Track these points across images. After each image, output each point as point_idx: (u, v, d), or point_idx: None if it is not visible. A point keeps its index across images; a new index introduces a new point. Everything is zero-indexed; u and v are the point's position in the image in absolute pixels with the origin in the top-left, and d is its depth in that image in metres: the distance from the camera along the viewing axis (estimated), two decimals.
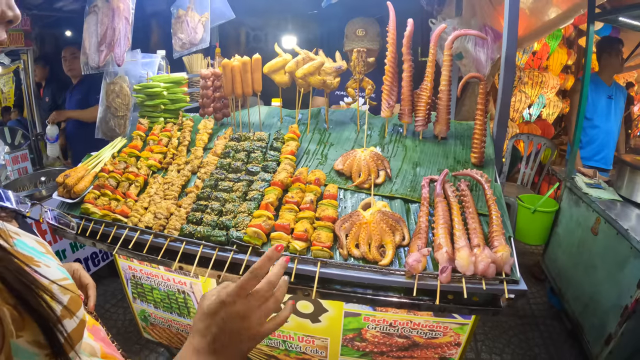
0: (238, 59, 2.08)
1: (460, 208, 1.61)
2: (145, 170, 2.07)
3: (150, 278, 2.29)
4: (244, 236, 1.59)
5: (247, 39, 4.63)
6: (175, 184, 1.92)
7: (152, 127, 2.36)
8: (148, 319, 2.55)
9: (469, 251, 1.38)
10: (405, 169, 1.92)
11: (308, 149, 2.11)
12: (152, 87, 2.33)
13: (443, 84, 1.99)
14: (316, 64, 2.00)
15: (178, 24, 2.66)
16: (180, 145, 2.22)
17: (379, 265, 1.45)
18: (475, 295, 1.41)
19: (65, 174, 2.12)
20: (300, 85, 2.08)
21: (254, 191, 1.76)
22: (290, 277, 1.51)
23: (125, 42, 2.45)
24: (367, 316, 1.74)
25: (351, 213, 1.62)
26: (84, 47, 2.67)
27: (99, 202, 1.94)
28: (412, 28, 1.97)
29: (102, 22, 2.56)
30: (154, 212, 1.82)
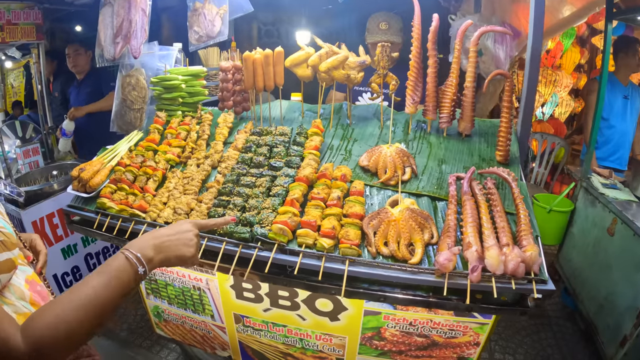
0: (260, 51, 2.01)
1: (488, 206, 1.56)
2: (163, 164, 2.00)
3: (165, 274, 2.23)
4: (269, 233, 1.53)
5: (259, 33, 4.56)
6: (196, 179, 1.85)
7: (170, 121, 2.29)
8: (161, 315, 2.50)
9: (499, 250, 1.35)
10: (430, 166, 1.86)
11: (332, 145, 2.04)
12: (170, 79, 2.25)
13: (468, 81, 1.94)
14: (340, 58, 1.93)
15: (194, 16, 2.58)
16: (199, 139, 2.14)
17: (409, 264, 1.41)
18: (503, 295, 1.40)
19: (80, 167, 2.06)
20: (322, 80, 2.01)
21: (278, 187, 1.69)
22: (318, 275, 1.47)
23: (142, 34, 2.38)
24: (387, 315, 1.70)
25: (379, 210, 1.57)
26: (99, 39, 2.59)
27: (115, 197, 1.89)
28: (437, 23, 1.93)
29: (118, 14, 2.49)
30: (173, 207, 1.75)
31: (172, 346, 3.08)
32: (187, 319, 2.37)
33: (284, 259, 1.53)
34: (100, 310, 0.92)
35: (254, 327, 2.11)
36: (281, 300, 1.90)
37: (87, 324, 0.89)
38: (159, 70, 2.45)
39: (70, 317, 0.86)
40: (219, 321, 2.23)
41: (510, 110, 1.86)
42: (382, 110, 2.10)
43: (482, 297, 1.40)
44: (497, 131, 1.87)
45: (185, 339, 2.54)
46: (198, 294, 2.19)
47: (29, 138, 3.95)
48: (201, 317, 2.30)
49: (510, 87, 1.88)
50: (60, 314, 0.86)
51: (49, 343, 0.84)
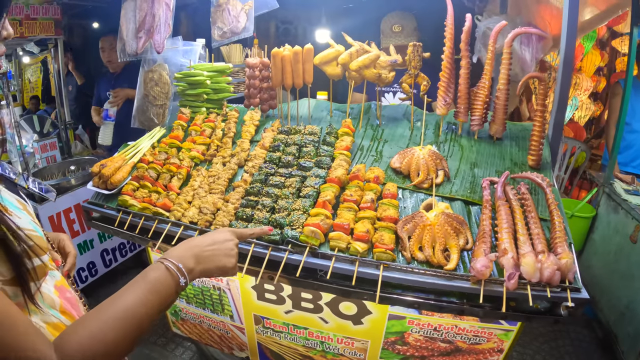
0: (289, 48, 1.94)
1: (522, 212, 1.51)
2: (188, 162, 1.93)
3: None
4: (300, 235, 1.46)
5: (277, 31, 4.49)
6: (222, 178, 1.78)
7: (194, 117, 2.23)
8: (179, 314, 2.46)
9: (535, 257, 1.31)
10: (463, 170, 1.80)
11: (362, 145, 1.97)
12: (195, 75, 2.18)
13: (501, 83, 1.88)
14: (372, 57, 1.85)
15: (218, 12, 2.51)
16: (225, 136, 2.07)
17: (444, 270, 1.37)
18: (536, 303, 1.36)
19: (101, 163, 2.00)
20: (352, 78, 1.93)
21: (309, 187, 1.62)
22: (348, 279, 1.42)
23: (165, 29, 2.31)
24: (412, 319, 1.66)
25: (413, 214, 1.51)
26: (121, 33, 2.54)
27: (137, 194, 1.83)
28: (470, 24, 1.88)
29: (141, 8, 2.43)
30: (198, 206, 1.69)
31: (187, 344, 3.02)
32: (205, 318, 2.33)
33: (315, 263, 1.46)
34: (138, 326, 0.84)
35: (274, 328, 2.06)
36: (304, 303, 1.85)
37: (124, 342, 0.81)
38: (182, 65, 2.38)
39: (107, 336, 0.79)
40: (238, 322, 2.18)
41: (544, 114, 1.80)
42: (412, 111, 2.02)
43: (515, 304, 1.35)
44: (530, 135, 1.81)
45: (202, 339, 2.49)
46: (218, 294, 2.14)
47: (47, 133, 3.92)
48: (220, 317, 2.25)
49: (544, 90, 1.80)
50: (95, 332, 0.78)
51: None
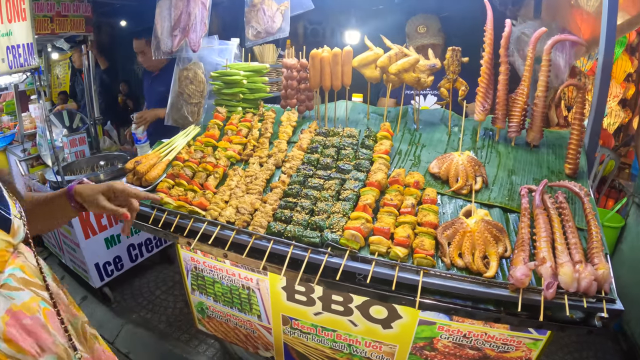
0: (328, 49, 1.92)
1: (560, 221, 1.49)
2: (224, 161, 1.93)
3: (213, 271, 2.17)
4: (340, 239, 1.44)
5: (305, 32, 4.49)
6: (259, 178, 1.78)
7: (230, 117, 2.23)
8: (205, 312, 2.46)
9: (573, 267, 1.30)
10: (501, 177, 1.78)
11: (400, 149, 1.96)
12: (231, 75, 2.19)
13: (540, 90, 1.86)
14: (412, 61, 1.83)
15: (252, 12, 2.50)
16: (261, 136, 2.08)
17: (484, 277, 1.36)
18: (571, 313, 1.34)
19: (136, 160, 2.01)
20: (391, 82, 1.91)
21: (348, 191, 1.61)
22: (386, 284, 1.41)
23: (201, 28, 2.32)
24: (442, 325, 1.65)
25: (453, 220, 1.49)
26: (156, 31, 2.55)
27: (173, 192, 1.82)
28: (509, 29, 1.88)
29: (176, 7, 2.44)
30: (235, 206, 1.68)
31: (210, 341, 3.03)
32: (232, 317, 2.32)
33: (354, 266, 1.44)
34: None
35: (302, 329, 2.04)
36: (334, 305, 1.83)
37: None
38: (217, 64, 2.39)
39: None
40: (266, 322, 2.18)
41: (582, 123, 1.76)
42: (450, 116, 2.00)
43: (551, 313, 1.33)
44: (567, 143, 1.78)
45: (227, 337, 2.49)
46: (247, 294, 2.13)
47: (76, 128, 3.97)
48: (247, 317, 2.24)
49: (583, 97, 1.77)
50: None
51: None
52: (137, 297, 3.58)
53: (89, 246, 3.26)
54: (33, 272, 1.14)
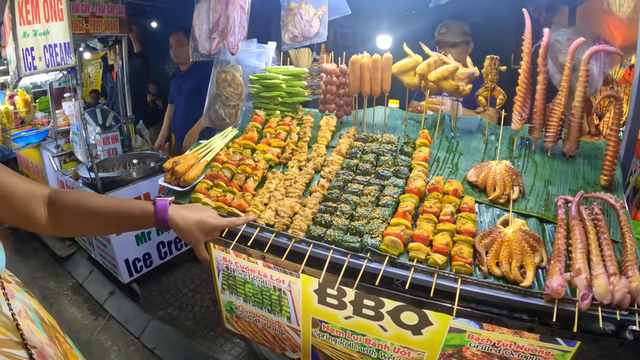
0: (367, 56, 1.98)
1: (595, 233, 1.52)
2: (263, 163, 2.00)
3: (245, 272, 2.23)
4: (380, 244, 1.49)
5: (335, 35, 4.55)
6: (299, 182, 1.84)
7: (268, 120, 2.30)
8: (234, 311, 2.52)
9: (607, 279, 1.33)
10: (537, 187, 1.81)
11: (437, 157, 2.00)
12: (270, 78, 2.26)
13: (577, 100, 1.88)
14: (451, 69, 1.87)
15: (289, 16, 2.57)
16: (300, 140, 2.14)
17: (520, 287, 1.39)
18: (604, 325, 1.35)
19: (174, 160, 2.09)
20: (429, 89, 1.95)
21: (387, 197, 1.65)
22: (423, 290, 1.46)
23: (240, 31, 2.40)
24: (472, 334, 1.67)
25: (491, 229, 1.53)
26: (194, 33, 2.64)
27: (211, 193, 1.89)
28: (548, 39, 1.90)
29: (215, 10, 2.52)
30: (275, 209, 1.74)
31: (236, 340, 3.11)
32: (261, 318, 2.37)
33: (393, 272, 1.49)
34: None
35: (331, 333, 2.08)
36: (365, 310, 1.86)
37: None
38: (255, 68, 2.47)
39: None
40: (295, 324, 2.22)
41: (618, 134, 1.79)
42: (487, 124, 2.03)
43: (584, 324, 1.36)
44: (603, 154, 1.80)
45: (255, 337, 2.54)
46: (277, 295, 2.18)
47: (109, 126, 4.11)
48: (276, 318, 2.29)
49: (620, 109, 1.80)
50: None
51: None
52: (164, 294, 3.70)
53: (119, 242, 3.39)
54: (6, 326, 0.93)
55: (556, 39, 2.66)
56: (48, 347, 1.01)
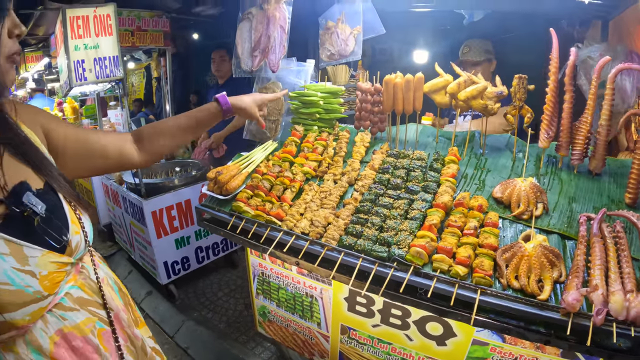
0: (400, 75, 2.15)
1: (616, 250, 1.60)
2: (300, 176, 2.21)
3: (279, 278, 2.44)
4: (406, 255, 1.65)
5: (373, 51, 4.77)
6: (333, 194, 2.03)
7: (307, 135, 2.51)
8: (267, 315, 2.71)
9: (624, 296, 1.39)
10: (561, 204, 1.90)
11: (465, 173, 2.14)
12: (309, 95, 2.47)
13: (603, 119, 1.95)
14: (480, 88, 2.02)
15: (327, 35, 2.79)
16: (336, 155, 2.34)
17: (537, 300, 1.48)
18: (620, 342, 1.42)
19: (217, 170, 2.31)
20: (459, 107, 2.11)
21: (416, 211, 1.82)
22: (446, 299, 1.58)
23: (280, 50, 2.63)
24: (495, 347, 1.77)
25: (512, 244, 1.64)
26: (237, 51, 2.90)
27: (251, 202, 2.10)
28: (575, 57, 1.97)
29: (257, 29, 2.77)
30: (310, 219, 1.93)
31: (266, 344, 3.32)
32: (293, 323, 2.56)
33: (417, 281, 1.64)
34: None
35: (359, 340, 2.23)
36: (392, 319, 2.01)
37: None
38: (295, 84, 2.69)
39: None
40: (325, 330, 2.39)
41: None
42: (515, 142, 2.16)
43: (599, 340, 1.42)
44: (629, 172, 1.86)
45: (285, 341, 2.73)
46: (309, 301, 2.36)
47: None
48: (307, 323, 2.46)
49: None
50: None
51: None
52: (200, 296, 3.96)
53: (160, 245, 3.68)
54: (92, 289, 1.18)
55: (589, 55, 2.73)
56: (123, 312, 1.27)
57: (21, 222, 1.01)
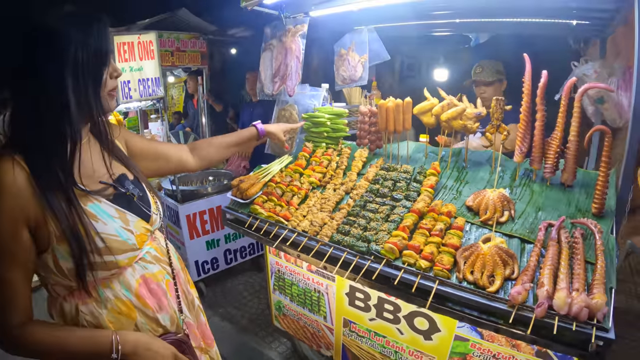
0: (392, 100, 2.58)
1: (571, 254, 1.80)
2: (307, 185, 2.69)
3: (292, 275, 2.87)
4: (381, 250, 2.03)
5: (402, 66, 5.28)
6: (331, 200, 2.49)
7: (315, 150, 3.00)
8: (282, 309, 3.13)
9: (567, 293, 1.58)
10: (528, 212, 2.16)
11: (446, 184, 2.50)
12: (318, 117, 2.96)
13: (572, 134, 2.17)
14: (459, 110, 2.41)
15: (340, 61, 3.29)
16: (338, 168, 2.82)
17: (487, 292, 1.75)
18: (568, 337, 1.61)
19: (240, 179, 2.81)
20: (444, 127, 2.51)
21: (395, 215, 2.23)
22: (412, 288, 1.90)
23: (296, 77, 3.15)
24: (474, 343, 2.05)
25: (472, 244, 1.93)
26: (260, 76, 3.45)
27: (265, 206, 2.57)
28: (545, 80, 2.15)
29: (277, 59, 3.31)
30: (310, 220, 2.38)
31: (283, 340, 3.76)
32: (303, 316, 2.95)
33: (389, 272, 1.98)
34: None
35: (358, 333, 2.58)
36: (386, 313, 2.36)
37: None
38: (309, 107, 3.17)
39: None
40: (330, 323, 2.76)
41: (609, 165, 2.03)
42: (494, 157, 2.49)
43: (546, 333, 1.61)
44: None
45: (297, 334, 3.12)
46: (317, 296, 2.75)
47: None
48: (315, 317, 2.85)
49: (609, 142, 2.01)
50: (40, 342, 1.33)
51: None
52: (227, 295, 4.49)
53: (192, 246, 4.26)
54: (163, 252, 1.65)
55: (584, 73, 2.91)
56: (181, 272, 1.77)
57: (124, 199, 1.48)
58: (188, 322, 1.67)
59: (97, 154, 1.48)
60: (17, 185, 1.21)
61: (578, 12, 2.62)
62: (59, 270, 1.31)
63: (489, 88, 3.52)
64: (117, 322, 1.42)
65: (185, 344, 1.56)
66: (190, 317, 1.71)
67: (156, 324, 1.51)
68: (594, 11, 2.61)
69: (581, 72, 2.92)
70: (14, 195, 1.21)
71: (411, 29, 3.60)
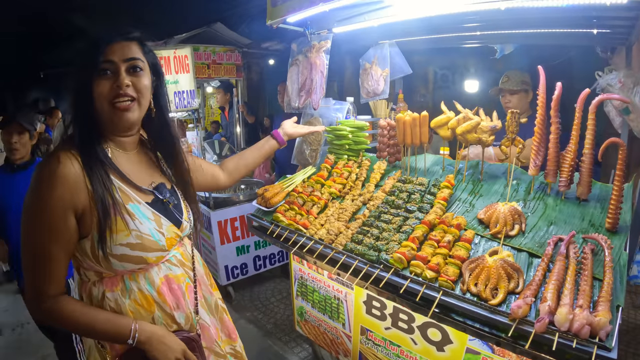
0: (410, 114, 2.74)
1: (578, 269, 1.82)
2: (327, 195, 2.90)
3: (314, 282, 3.06)
4: (390, 259, 2.18)
5: (435, 76, 5.47)
6: (348, 210, 2.69)
7: (337, 162, 3.20)
8: (303, 315, 3.31)
9: (569, 309, 1.60)
10: (539, 226, 2.21)
11: (460, 197, 2.62)
12: (340, 130, 3.17)
13: (587, 148, 2.20)
14: (473, 124, 2.53)
15: (365, 74, 3.48)
16: (357, 179, 3.01)
17: (488, 304, 1.81)
18: (570, 354, 1.61)
19: (265, 188, 3.04)
20: (460, 140, 2.64)
21: (407, 226, 2.38)
22: (416, 297, 2.02)
23: (320, 91, 3.37)
24: (486, 357, 2.11)
25: (479, 257, 2.00)
26: (287, 90, 3.71)
27: (287, 214, 2.78)
28: (559, 92, 2.20)
29: (302, 73, 3.55)
30: (327, 228, 2.58)
31: (305, 346, 3.96)
32: (323, 322, 3.12)
33: (397, 281, 2.10)
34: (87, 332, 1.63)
35: (375, 341, 2.72)
36: (400, 322, 2.47)
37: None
38: (332, 120, 3.38)
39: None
40: (348, 330, 2.91)
41: (623, 179, 2.03)
42: (509, 170, 2.56)
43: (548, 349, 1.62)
44: None
45: (317, 340, 3.30)
46: (337, 303, 2.92)
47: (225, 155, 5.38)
48: (334, 324, 3.01)
49: (623, 155, 2.03)
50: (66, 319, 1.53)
51: None
52: (254, 300, 4.75)
53: (222, 251, 4.55)
54: (187, 258, 1.79)
55: (608, 83, 2.87)
56: (205, 277, 1.94)
57: (161, 205, 1.66)
58: (202, 324, 1.81)
59: (144, 164, 1.74)
60: (72, 175, 1.42)
61: (599, 20, 2.63)
62: (94, 256, 1.49)
63: (514, 97, 3.63)
64: (136, 312, 1.58)
65: (196, 342, 1.70)
66: (205, 320, 1.85)
67: (171, 320, 1.66)
68: (615, 19, 2.60)
69: (605, 81, 2.89)
70: (68, 183, 1.41)
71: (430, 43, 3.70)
